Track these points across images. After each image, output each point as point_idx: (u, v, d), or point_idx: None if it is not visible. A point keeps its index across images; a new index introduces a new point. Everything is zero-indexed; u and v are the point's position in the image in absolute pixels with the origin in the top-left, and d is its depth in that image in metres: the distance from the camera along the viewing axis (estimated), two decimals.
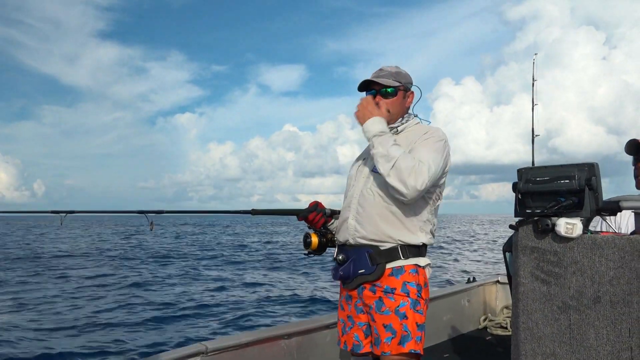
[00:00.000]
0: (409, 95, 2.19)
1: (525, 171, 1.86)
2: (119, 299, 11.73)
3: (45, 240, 36.59)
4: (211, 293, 12.64)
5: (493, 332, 4.32)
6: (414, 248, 2.02)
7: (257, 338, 2.66)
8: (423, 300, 2.00)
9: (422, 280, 2.02)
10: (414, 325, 1.95)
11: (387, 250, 1.99)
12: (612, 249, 1.63)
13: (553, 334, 1.74)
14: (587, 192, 1.70)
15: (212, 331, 8.79)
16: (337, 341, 2.21)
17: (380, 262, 1.98)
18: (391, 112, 2.12)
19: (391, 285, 1.98)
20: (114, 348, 7.78)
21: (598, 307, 1.65)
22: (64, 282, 14.87)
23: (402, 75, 2.16)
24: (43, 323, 9.38)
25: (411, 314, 1.96)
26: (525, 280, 1.82)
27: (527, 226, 1.84)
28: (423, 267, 2.04)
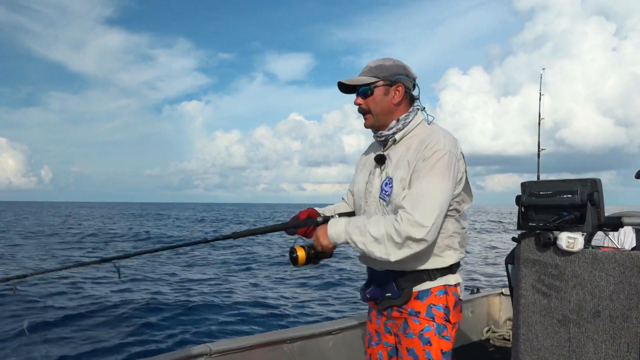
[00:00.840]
0: (396, 90, 1.90)
1: (529, 185, 1.89)
2: (121, 295, 11.78)
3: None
4: (218, 294, 12.66)
5: (496, 343, 4.32)
6: (444, 268, 1.87)
7: (261, 342, 2.69)
8: (450, 325, 1.84)
9: (451, 301, 1.85)
10: (438, 352, 1.80)
11: (413, 273, 1.85)
12: (612, 264, 1.65)
13: (552, 346, 1.76)
14: (589, 207, 1.73)
15: (216, 332, 8.82)
16: (364, 350, 2.11)
17: (406, 287, 1.84)
18: (373, 113, 1.91)
19: (416, 308, 1.84)
20: (116, 347, 7.82)
21: (597, 321, 1.67)
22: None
23: (383, 68, 1.89)
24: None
25: (436, 340, 1.80)
26: (527, 292, 1.85)
27: (529, 239, 1.87)
28: (453, 285, 1.88)
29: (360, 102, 1.92)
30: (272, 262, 17.63)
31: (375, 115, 1.91)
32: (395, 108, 1.91)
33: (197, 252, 20.28)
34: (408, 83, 1.93)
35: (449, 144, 1.82)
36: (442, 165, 1.76)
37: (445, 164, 1.77)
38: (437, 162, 1.76)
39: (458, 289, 1.91)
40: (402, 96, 1.91)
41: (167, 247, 2.10)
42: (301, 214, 2.03)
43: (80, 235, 27.63)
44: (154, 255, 15.16)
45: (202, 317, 9.96)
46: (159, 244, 22.60)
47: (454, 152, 1.81)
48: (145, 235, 29.73)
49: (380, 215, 1.89)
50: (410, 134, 1.91)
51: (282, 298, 12.05)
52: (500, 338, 4.37)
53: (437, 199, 1.72)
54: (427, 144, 1.81)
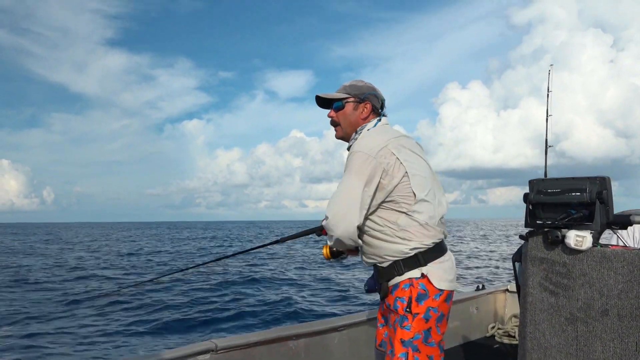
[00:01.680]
0: (365, 106, 2.14)
1: (536, 182, 1.88)
2: (126, 298, 11.86)
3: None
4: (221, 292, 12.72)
5: (500, 340, 4.31)
6: (410, 260, 1.99)
7: (266, 338, 2.69)
8: (411, 316, 1.97)
9: (415, 293, 1.98)
10: (398, 342, 1.97)
11: (386, 268, 2.03)
12: (621, 263, 1.64)
13: (560, 344, 1.75)
14: (598, 205, 1.72)
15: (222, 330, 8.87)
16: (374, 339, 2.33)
17: (382, 282, 2.05)
18: (342, 125, 2.16)
19: (389, 301, 2.04)
20: (122, 345, 7.88)
21: (606, 320, 1.66)
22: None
23: (355, 87, 2.15)
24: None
25: (398, 331, 1.98)
26: (534, 290, 1.84)
27: (537, 237, 1.86)
28: (420, 277, 1.99)
29: (333, 115, 2.17)
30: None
31: (344, 128, 2.16)
32: (362, 122, 2.15)
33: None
34: (375, 102, 2.17)
35: (366, 146, 2.00)
36: (352, 164, 1.98)
37: (354, 163, 1.98)
38: (349, 162, 2.00)
39: (428, 280, 1.99)
40: (369, 112, 2.15)
41: (221, 257, 2.69)
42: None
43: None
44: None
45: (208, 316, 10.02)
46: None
47: (367, 152, 1.98)
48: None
49: None
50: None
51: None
52: (505, 334, 4.36)
53: (342, 194, 1.95)
54: (351, 148, 2.06)
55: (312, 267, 18.67)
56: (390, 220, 2.00)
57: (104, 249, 33.31)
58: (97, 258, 25.17)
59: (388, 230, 2.00)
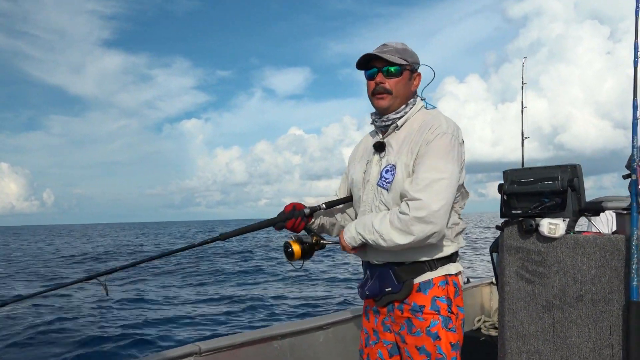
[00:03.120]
0: (416, 77, 1.91)
1: (510, 172, 1.90)
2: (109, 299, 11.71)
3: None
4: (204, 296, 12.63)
5: (487, 332, 4.34)
6: (444, 257, 1.81)
7: (251, 339, 2.68)
8: (454, 316, 1.78)
9: (452, 291, 1.80)
10: (448, 345, 1.75)
11: (413, 264, 1.79)
12: (593, 248, 1.67)
13: (537, 332, 1.77)
14: (570, 193, 1.74)
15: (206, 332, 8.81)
16: (359, 349, 2.03)
17: (406, 280, 1.78)
18: (394, 94, 1.85)
19: (419, 302, 1.78)
20: (106, 349, 7.79)
21: (580, 305, 1.69)
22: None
23: (408, 53, 1.88)
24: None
25: (444, 334, 1.75)
26: (511, 279, 1.86)
27: (512, 227, 1.88)
28: (454, 274, 1.83)
29: (383, 81, 1.85)
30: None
31: (395, 98, 1.86)
32: (412, 95, 1.91)
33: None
34: (427, 72, 1.95)
35: (452, 127, 1.78)
36: (446, 147, 1.72)
37: (448, 146, 1.73)
38: (441, 144, 1.72)
39: (459, 278, 1.85)
40: (418, 85, 1.93)
41: (158, 255, 2.10)
42: (286, 208, 1.98)
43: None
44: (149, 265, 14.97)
45: (191, 317, 9.94)
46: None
47: (457, 137, 1.77)
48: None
49: (377, 204, 1.85)
50: (411, 120, 1.88)
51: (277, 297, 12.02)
52: (492, 327, 4.39)
53: (444, 182, 1.67)
54: (429, 127, 1.78)
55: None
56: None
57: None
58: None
59: None
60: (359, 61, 1.88)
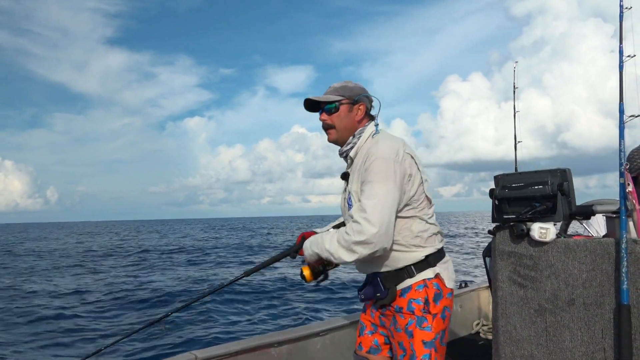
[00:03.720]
0: (359, 108, 2.08)
1: (501, 178, 1.91)
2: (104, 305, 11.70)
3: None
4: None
5: (485, 336, 4.34)
6: (421, 262, 1.98)
7: (248, 347, 2.68)
8: (431, 316, 1.94)
9: (431, 293, 1.96)
10: (420, 343, 1.93)
11: (395, 272, 1.99)
12: (584, 252, 1.68)
13: (530, 336, 1.78)
14: (560, 197, 1.75)
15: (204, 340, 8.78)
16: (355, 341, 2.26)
17: (390, 287, 1.99)
18: (337, 128, 2.08)
19: (399, 304, 1.98)
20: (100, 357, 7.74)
21: (572, 309, 1.69)
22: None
23: (347, 89, 2.08)
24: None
25: (417, 332, 1.93)
26: (503, 284, 1.86)
27: (504, 231, 1.89)
28: (433, 278, 1.98)
29: (326, 118, 2.09)
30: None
31: (339, 131, 2.09)
32: (357, 125, 2.10)
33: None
34: (368, 103, 2.13)
35: (386, 150, 1.94)
36: (379, 171, 1.90)
37: (381, 170, 1.90)
38: (374, 170, 1.90)
39: (440, 280, 1.99)
40: (364, 114, 2.10)
41: (205, 294, 2.50)
42: (298, 239, 2.23)
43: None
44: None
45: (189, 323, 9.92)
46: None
47: (392, 157, 1.92)
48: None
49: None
50: (362, 148, 2.07)
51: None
52: (489, 331, 4.39)
53: (378, 203, 1.84)
54: (370, 154, 1.97)
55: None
56: (405, 227, 1.96)
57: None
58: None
59: (402, 238, 1.95)
60: (305, 105, 2.11)
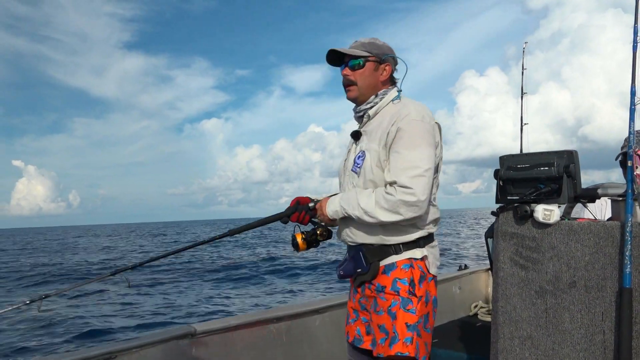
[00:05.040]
0: (385, 68, 1.98)
1: (506, 158, 1.89)
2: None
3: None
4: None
5: (483, 318, 4.37)
6: (411, 242, 1.89)
7: (246, 321, 2.70)
8: (416, 298, 1.85)
9: (417, 274, 1.87)
10: (403, 325, 1.82)
11: (380, 247, 1.89)
12: (587, 235, 1.66)
13: (530, 317, 1.78)
14: (565, 179, 1.73)
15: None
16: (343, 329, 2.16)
17: (373, 261, 1.89)
18: (359, 84, 1.95)
19: (382, 283, 1.88)
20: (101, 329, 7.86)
21: (573, 291, 1.68)
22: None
23: (375, 46, 1.96)
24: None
25: (401, 314, 1.83)
26: (505, 265, 1.86)
27: (507, 212, 1.87)
28: (419, 259, 1.89)
29: (348, 74, 1.97)
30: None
31: (361, 88, 1.96)
32: (380, 85, 1.98)
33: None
34: (393, 65, 2.01)
35: (423, 112, 1.86)
36: (420, 132, 1.81)
37: (423, 131, 1.81)
38: (416, 130, 1.81)
39: (425, 263, 1.92)
40: (389, 75, 2.00)
41: (170, 252, 2.25)
42: (291, 203, 2.09)
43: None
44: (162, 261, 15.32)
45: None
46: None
47: (427, 119, 1.85)
48: None
49: (351, 187, 1.96)
50: (383, 110, 1.96)
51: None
52: (488, 313, 4.41)
53: (423, 167, 1.77)
54: (400, 115, 1.85)
55: None
56: None
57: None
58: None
59: None
60: (328, 57, 1.98)
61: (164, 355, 2.28)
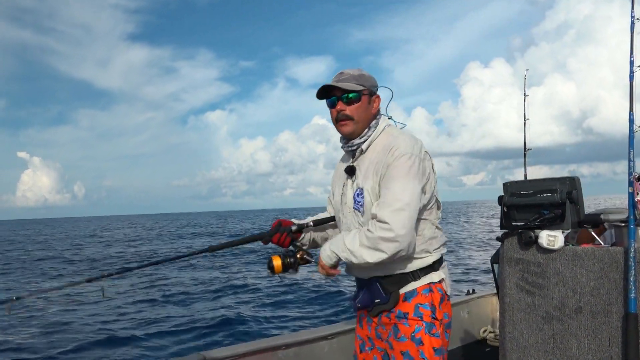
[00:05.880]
0: (375, 100, 1.98)
1: (510, 185, 1.92)
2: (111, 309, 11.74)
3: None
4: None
5: (492, 343, 4.33)
6: (426, 266, 1.87)
7: (256, 348, 2.70)
8: (438, 322, 1.84)
9: (437, 298, 1.86)
10: (431, 350, 1.81)
11: (398, 276, 1.87)
12: (592, 260, 1.68)
13: (537, 343, 1.79)
14: (569, 205, 1.76)
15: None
16: (353, 355, 2.13)
17: (393, 290, 1.87)
18: (355, 119, 1.93)
19: (404, 310, 1.86)
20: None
21: (580, 317, 1.70)
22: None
23: (365, 78, 1.96)
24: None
25: (427, 339, 1.81)
26: (511, 291, 1.87)
27: (512, 238, 1.90)
28: (437, 282, 1.88)
29: (344, 108, 1.94)
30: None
31: (357, 123, 1.95)
32: (373, 118, 1.98)
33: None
34: (387, 92, 2.02)
35: (410, 146, 1.85)
36: (405, 168, 1.80)
37: (408, 166, 1.80)
38: (401, 166, 1.81)
39: (443, 285, 1.91)
40: (378, 107, 1.99)
41: (148, 264, 2.23)
42: (273, 224, 2.11)
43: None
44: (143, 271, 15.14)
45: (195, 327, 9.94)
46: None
47: (416, 154, 1.83)
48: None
49: (357, 225, 1.95)
50: (375, 143, 1.96)
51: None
52: (496, 338, 4.37)
53: (404, 201, 1.75)
54: (389, 149, 1.86)
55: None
56: (417, 230, 1.84)
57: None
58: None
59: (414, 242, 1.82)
60: (318, 91, 1.96)
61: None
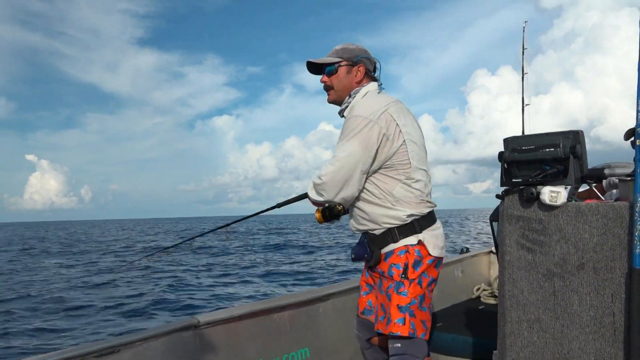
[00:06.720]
0: (358, 69, 2.13)
1: (511, 140, 1.85)
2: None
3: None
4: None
5: (486, 301, 4.37)
6: (406, 227, 2.02)
7: (250, 311, 2.68)
8: (408, 281, 2.01)
9: (411, 259, 2.02)
10: (395, 307, 1.99)
11: (379, 235, 2.05)
12: (595, 216, 1.63)
13: (538, 300, 1.76)
14: (572, 160, 1.70)
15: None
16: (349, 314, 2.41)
17: (374, 250, 2.06)
18: (335, 89, 2.13)
19: (381, 268, 2.06)
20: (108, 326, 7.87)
21: (582, 273, 1.66)
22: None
23: (347, 51, 2.12)
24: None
25: (394, 297, 2.00)
26: (511, 248, 1.83)
27: (513, 195, 1.84)
28: (415, 244, 2.03)
29: (325, 80, 2.14)
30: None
31: (337, 92, 2.13)
32: (356, 86, 2.13)
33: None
34: (368, 64, 2.15)
35: (365, 110, 1.99)
36: (349, 129, 1.96)
37: (351, 128, 1.96)
38: (349, 126, 1.97)
39: (423, 247, 2.03)
40: (363, 75, 2.14)
41: (231, 222, 2.83)
42: None
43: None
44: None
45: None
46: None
47: (368, 116, 1.95)
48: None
49: None
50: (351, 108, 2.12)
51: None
52: (491, 295, 4.42)
53: (338, 156, 1.94)
54: (350, 111, 2.06)
55: None
56: (386, 190, 2.00)
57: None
58: None
59: (383, 198, 2.01)
60: (308, 69, 2.15)
61: (167, 348, 2.26)
